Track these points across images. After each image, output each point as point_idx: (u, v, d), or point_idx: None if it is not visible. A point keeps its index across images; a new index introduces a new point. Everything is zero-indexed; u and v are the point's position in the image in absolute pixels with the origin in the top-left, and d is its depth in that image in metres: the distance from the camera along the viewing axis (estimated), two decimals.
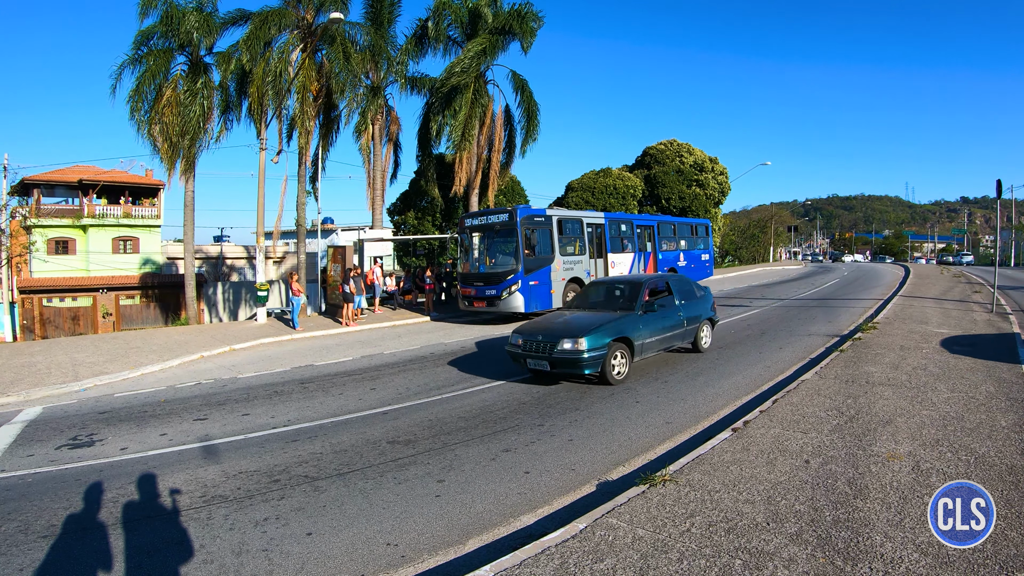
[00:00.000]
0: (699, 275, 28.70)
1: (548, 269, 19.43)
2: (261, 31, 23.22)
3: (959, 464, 5.79)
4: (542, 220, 19.60)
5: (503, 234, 19.46)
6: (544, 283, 19.22)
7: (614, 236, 23.32)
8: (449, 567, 4.68)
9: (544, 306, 19.08)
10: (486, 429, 8.10)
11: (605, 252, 22.44)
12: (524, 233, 18.59)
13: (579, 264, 20.95)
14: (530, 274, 18.69)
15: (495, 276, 19.15)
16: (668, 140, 51.01)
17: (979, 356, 11.10)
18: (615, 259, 22.94)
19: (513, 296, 18.57)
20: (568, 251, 20.75)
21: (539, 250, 19.25)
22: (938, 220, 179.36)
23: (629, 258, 23.93)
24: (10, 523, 5.64)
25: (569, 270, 20.34)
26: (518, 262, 18.57)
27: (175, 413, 9.67)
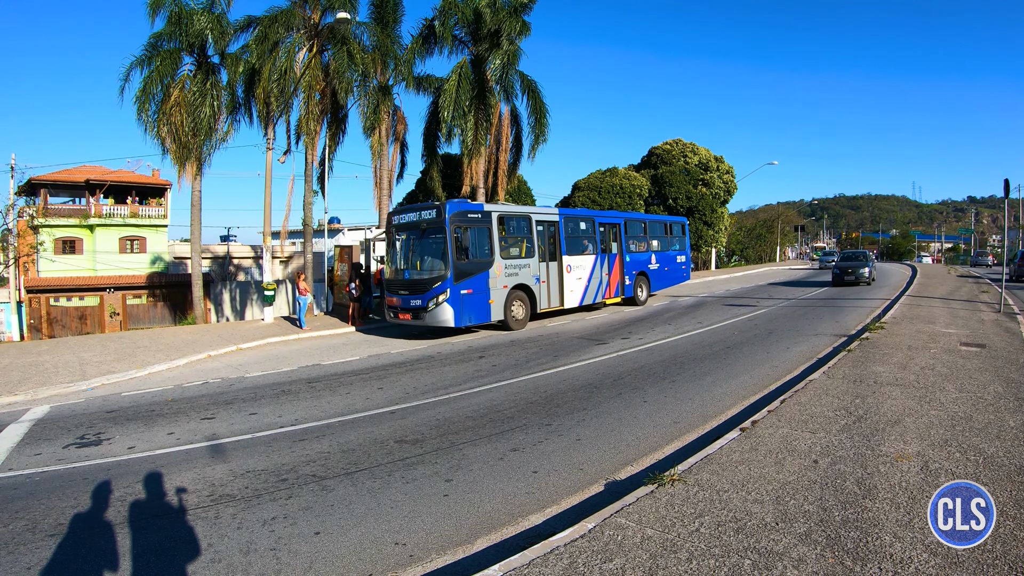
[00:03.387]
0: (674, 279, 26.81)
1: (485, 275, 16.90)
2: (271, 30, 23.30)
3: (968, 464, 5.76)
4: (478, 216, 17.02)
5: (431, 233, 16.71)
6: (480, 291, 16.71)
7: (572, 235, 20.63)
8: (457, 566, 4.67)
9: (480, 318, 16.88)
10: (494, 428, 8.10)
11: (560, 254, 19.69)
12: (454, 232, 16.01)
13: (526, 268, 18.30)
14: (462, 281, 16.20)
15: (420, 284, 16.60)
16: (674, 139, 51.00)
17: (987, 356, 11.05)
18: (572, 262, 20.22)
19: (440, 308, 16.03)
20: (512, 253, 18.18)
21: (474, 252, 16.77)
22: (945, 220, 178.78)
23: (589, 261, 21.10)
24: (18, 521, 5.66)
25: (513, 275, 17.74)
26: (447, 267, 15.98)
27: (182, 412, 9.70)
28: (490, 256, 17.13)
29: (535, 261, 18.61)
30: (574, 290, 20.12)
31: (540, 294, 18.64)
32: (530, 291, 18.30)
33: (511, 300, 17.60)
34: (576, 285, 20.23)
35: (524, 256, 18.45)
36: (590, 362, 12.40)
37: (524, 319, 18.03)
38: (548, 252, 19.34)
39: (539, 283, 18.64)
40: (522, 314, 17.98)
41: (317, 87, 24.98)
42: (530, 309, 18.25)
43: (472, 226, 16.73)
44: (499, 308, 17.24)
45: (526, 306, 18.12)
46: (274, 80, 23.29)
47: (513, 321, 17.63)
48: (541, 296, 18.69)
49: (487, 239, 17.16)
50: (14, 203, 32.85)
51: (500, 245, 17.42)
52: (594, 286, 21.13)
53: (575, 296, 20.19)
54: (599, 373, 11.33)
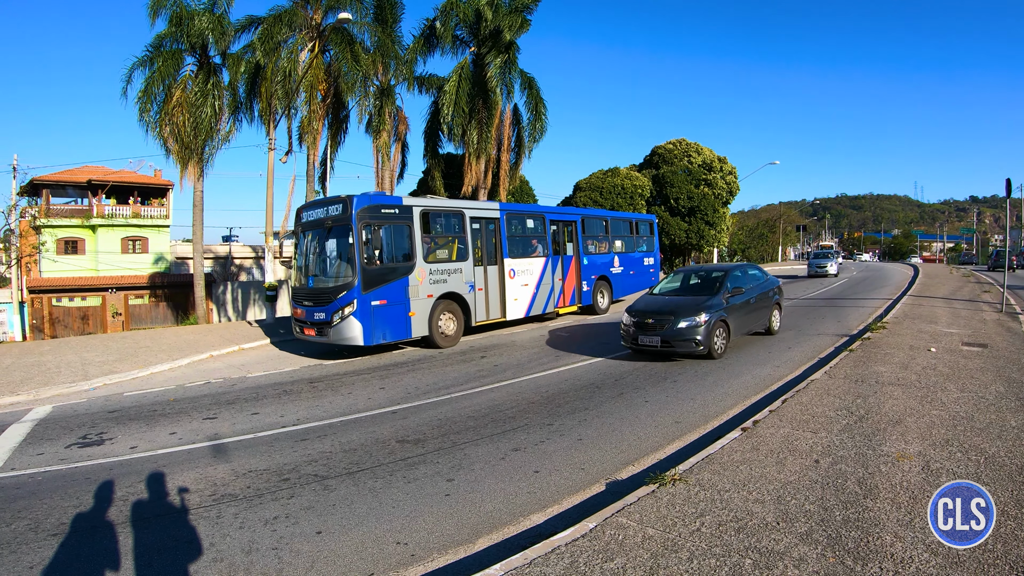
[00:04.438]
0: (640, 284, 23.96)
1: (404, 282, 14.28)
2: (273, 30, 23.33)
3: (969, 464, 5.76)
4: (394, 212, 14.33)
5: (337, 233, 14.29)
6: (397, 302, 14.11)
7: (516, 235, 18.20)
8: (459, 566, 4.68)
9: (398, 334, 14.20)
10: (495, 428, 8.11)
11: (501, 257, 17.12)
12: (363, 231, 13.45)
13: (457, 274, 15.67)
14: (373, 290, 13.59)
15: (324, 293, 14.07)
16: (677, 139, 50.91)
17: (989, 356, 11.04)
18: (517, 266, 17.62)
19: (346, 323, 13.39)
20: (440, 256, 15.64)
21: (390, 255, 14.22)
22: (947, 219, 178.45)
23: (538, 264, 18.48)
24: (20, 521, 5.67)
25: (440, 283, 15.18)
26: (354, 273, 13.41)
27: (184, 412, 9.71)
28: (410, 259, 14.55)
29: (469, 265, 16.05)
30: (519, 298, 17.66)
31: (475, 304, 16.18)
32: (462, 301, 15.83)
33: (438, 312, 15.08)
34: (521, 293, 17.76)
35: (455, 259, 15.87)
36: (592, 362, 12.40)
37: (455, 334, 15.58)
38: (486, 254, 16.87)
39: (474, 291, 16.14)
40: (452, 328, 15.52)
41: (319, 87, 25.03)
42: (463, 322, 15.84)
43: (387, 224, 14.16)
44: (422, 321, 14.69)
45: (458, 319, 15.69)
46: (277, 80, 23.34)
47: (440, 337, 15.12)
48: (477, 306, 16.25)
49: (407, 239, 14.59)
50: (16, 203, 32.92)
51: (424, 246, 14.93)
52: (544, 293, 18.67)
53: (520, 305, 17.75)
54: (600, 373, 11.33)
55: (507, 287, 17.17)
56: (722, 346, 12.13)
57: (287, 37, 24.13)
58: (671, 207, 45.97)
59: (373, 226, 13.64)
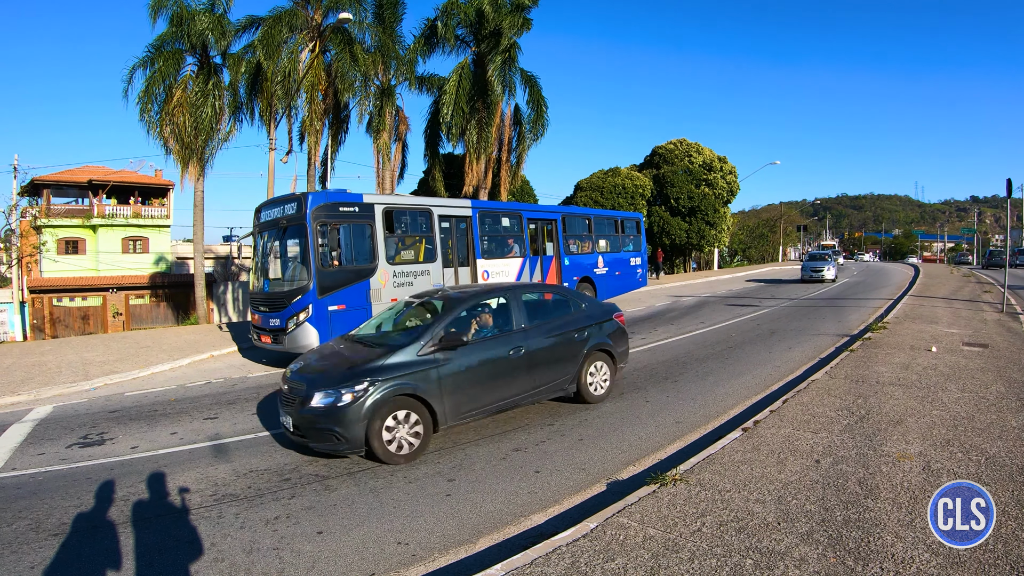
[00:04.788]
0: (626, 285, 22.99)
1: (365, 286, 13.24)
2: (274, 30, 23.34)
3: (970, 464, 5.76)
4: (353, 211, 13.29)
5: (293, 233, 13.32)
6: (357, 307, 13.06)
7: (491, 235, 17.14)
8: (460, 566, 4.68)
9: None
10: (496, 428, 8.10)
11: (474, 257, 16.05)
12: (319, 231, 12.47)
13: (424, 276, 14.50)
14: (331, 294, 12.61)
15: (278, 298, 13.07)
16: (677, 139, 50.98)
17: (989, 356, 11.04)
18: (492, 267, 16.49)
19: (301, 330, 12.37)
20: (406, 257, 14.56)
21: (349, 256, 13.28)
22: (948, 219, 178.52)
23: (515, 265, 17.30)
24: (21, 521, 5.68)
25: (406, 285, 13.98)
26: (309, 276, 12.43)
27: (185, 412, 9.71)
28: (372, 261, 13.47)
29: (437, 267, 14.87)
30: None
31: None
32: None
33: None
34: None
35: (422, 260, 14.74)
36: None
37: None
38: (458, 255, 15.76)
39: None
40: None
41: (320, 87, 25.05)
42: None
43: (346, 223, 13.16)
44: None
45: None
46: (277, 81, 23.36)
47: None
48: None
49: (368, 239, 13.54)
50: (17, 203, 32.97)
51: (388, 247, 13.82)
52: None
53: None
54: None
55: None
56: (409, 446, 6.88)
57: (287, 37, 24.15)
58: (671, 207, 46.02)
59: (330, 225, 12.64)
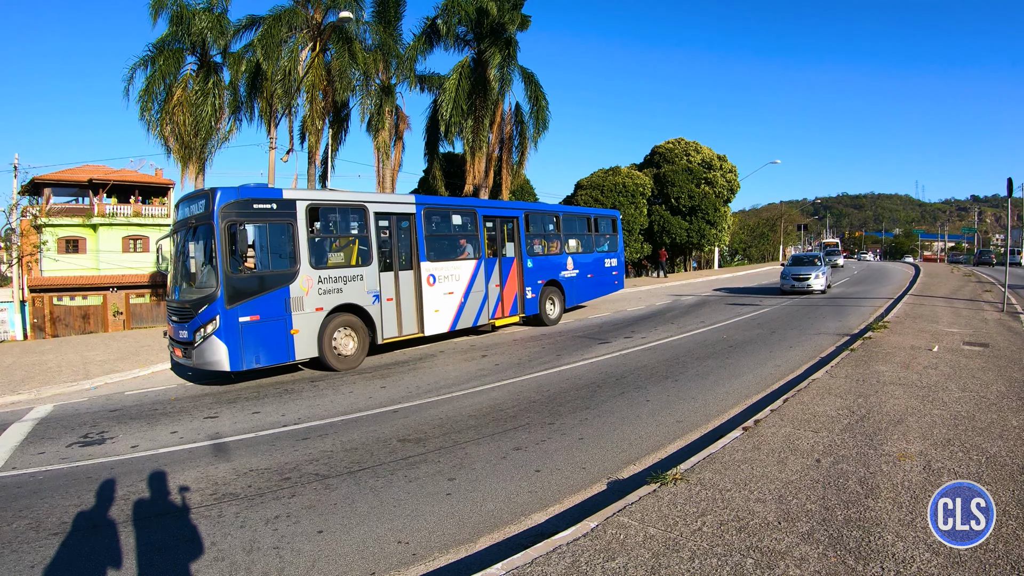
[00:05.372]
0: (600, 289, 21.54)
1: (283, 293, 11.67)
2: (275, 29, 23.37)
3: (970, 464, 5.76)
4: (270, 208, 11.75)
5: (200, 234, 11.70)
6: (273, 317, 11.50)
7: (438, 234, 15.40)
8: (460, 565, 4.68)
9: (277, 356, 11.59)
10: (496, 427, 8.10)
11: (417, 260, 14.31)
12: (227, 231, 10.94)
13: (356, 282, 12.91)
14: (241, 303, 11.06)
15: (186, 307, 11.56)
16: (676, 138, 50.92)
17: (990, 355, 11.04)
18: (439, 270, 14.79)
19: (208, 343, 10.93)
20: (335, 260, 12.98)
21: (264, 259, 11.97)
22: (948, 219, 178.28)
23: (467, 268, 15.62)
24: (21, 520, 5.68)
25: (334, 292, 12.48)
26: (217, 282, 10.92)
27: (185, 411, 9.71)
28: (293, 265, 11.91)
29: (372, 270, 13.25)
30: (441, 309, 14.84)
31: (382, 317, 13.44)
32: (365, 314, 13.09)
33: (331, 328, 12.45)
34: (445, 302, 14.96)
35: (355, 264, 13.15)
36: (593, 361, 12.40)
37: (356, 355, 12.89)
38: (398, 257, 14.12)
39: (379, 302, 13.34)
40: (351, 348, 12.82)
41: (320, 87, 25.09)
42: (367, 340, 13.13)
43: (262, 222, 11.77)
44: (309, 340, 12.05)
45: (360, 336, 12.98)
46: (277, 80, 23.38)
47: (335, 358, 12.49)
48: (385, 320, 13.49)
49: (288, 240, 12.02)
50: (17, 202, 33.00)
51: (312, 248, 12.26)
52: (475, 302, 15.85)
53: (443, 318, 14.93)
54: (602, 372, 11.33)
55: (425, 296, 14.39)
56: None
57: (287, 37, 24.17)
58: (672, 206, 46.00)
59: (241, 225, 11.07)
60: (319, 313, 12.19)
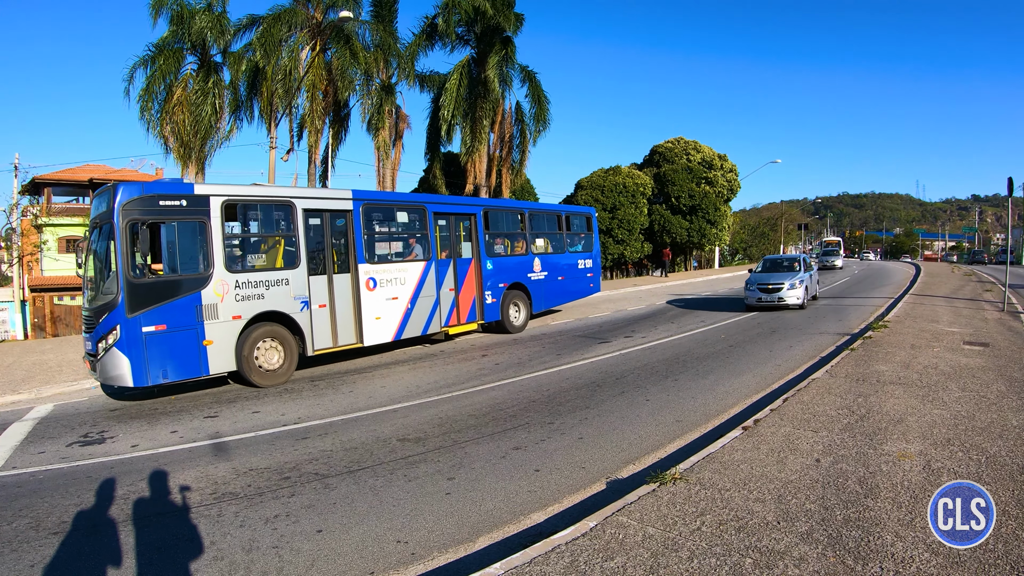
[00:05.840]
0: (573, 292, 19.99)
1: (194, 300, 10.46)
2: (274, 29, 23.39)
3: (970, 464, 5.75)
4: (179, 205, 10.54)
5: (104, 235, 10.39)
6: (183, 327, 10.33)
7: (380, 233, 14.15)
8: (459, 564, 4.67)
9: (188, 371, 10.42)
10: (496, 427, 8.11)
11: (354, 262, 12.89)
12: (128, 231, 9.82)
13: (281, 287, 11.57)
14: (145, 311, 9.90)
15: (91, 315, 10.50)
16: (676, 138, 50.89)
17: (990, 355, 11.03)
18: (380, 273, 13.32)
19: (110, 356, 9.82)
20: (257, 263, 11.84)
21: (172, 263, 10.62)
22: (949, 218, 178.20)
23: (415, 271, 14.12)
24: (21, 519, 5.68)
25: (255, 299, 11.18)
26: (118, 288, 9.80)
27: (185, 411, 9.72)
28: (206, 268, 10.72)
29: (300, 274, 11.88)
30: (384, 317, 13.39)
31: (313, 327, 12.06)
32: (292, 323, 11.77)
33: (252, 339, 11.18)
34: (388, 309, 13.48)
35: (280, 266, 11.82)
36: (593, 360, 12.40)
37: (281, 368, 11.54)
38: (331, 259, 12.73)
39: (308, 309, 11.99)
40: (276, 360, 11.48)
41: (320, 86, 25.10)
42: (295, 351, 11.83)
43: (170, 220, 10.45)
44: (225, 352, 10.81)
45: (286, 348, 11.65)
46: (277, 79, 23.41)
47: (256, 372, 11.20)
48: (316, 329, 12.12)
49: (200, 241, 10.80)
50: (18, 202, 32.98)
51: (228, 250, 11.10)
52: (424, 308, 14.32)
53: (386, 326, 13.46)
54: (601, 371, 11.33)
55: (364, 302, 12.95)
56: None
57: (287, 36, 24.19)
58: (672, 205, 45.99)
59: (144, 224, 9.99)
60: (237, 322, 10.97)
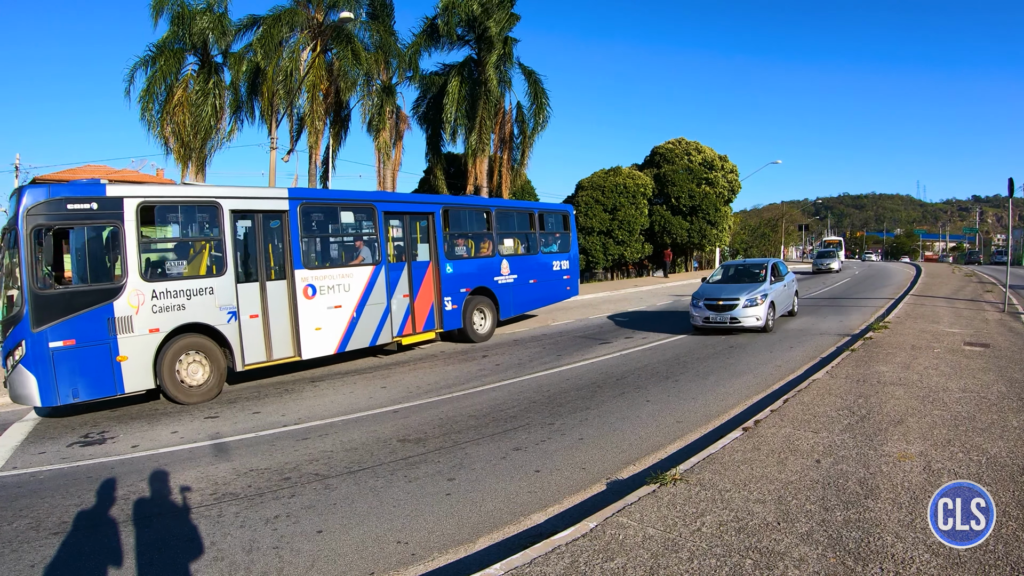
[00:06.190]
0: (547, 296, 18.38)
1: (106, 312, 9.47)
2: (274, 29, 23.41)
3: (970, 464, 5.75)
4: (89, 208, 9.55)
5: (10, 243, 9.53)
6: (94, 341, 9.36)
7: (322, 235, 12.88)
8: (459, 565, 4.68)
9: (101, 389, 9.47)
10: (496, 428, 8.11)
11: (290, 267, 11.58)
12: (33, 238, 9.00)
13: (205, 296, 10.40)
14: (51, 325, 9.03)
15: (2, 329, 9.78)
16: (677, 139, 50.84)
17: (991, 356, 11.03)
18: (320, 279, 12.00)
19: (16, 374, 9.11)
20: (175, 270, 10.66)
21: (82, 271, 9.67)
22: (949, 219, 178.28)
23: (362, 275, 12.75)
24: (22, 519, 5.68)
25: (175, 310, 10.06)
26: (23, 300, 9.04)
27: (186, 411, 9.72)
28: (118, 277, 9.72)
29: (227, 281, 10.67)
30: (325, 327, 12.04)
31: (243, 339, 10.85)
32: (215, 334, 10.58)
33: (172, 353, 10.05)
34: (330, 319, 12.14)
35: (204, 274, 10.71)
36: (593, 361, 12.40)
37: (209, 385, 10.43)
38: (266, 264, 11.47)
39: (236, 320, 10.75)
40: (201, 376, 10.36)
41: (321, 87, 25.11)
42: (223, 366, 10.67)
43: (79, 225, 9.58)
44: (142, 368, 9.78)
45: (213, 362, 10.51)
46: (278, 80, 23.43)
47: (180, 389, 10.12)
48: (246, 342, 10.91)
49: (113, 248, 9.81)
50: None
51: (144, 256, 10.13)
52: (373, 317, 12.93)
53: (327, 337, 12.12)
54: (602, 372, 11.34)
55: (302, 311, 11.66)
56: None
57: (288, 36, 24.21)
58: (673, 206, 45.97)
59: (50, 230, 9.18)
60: (155, 335, 9.89)
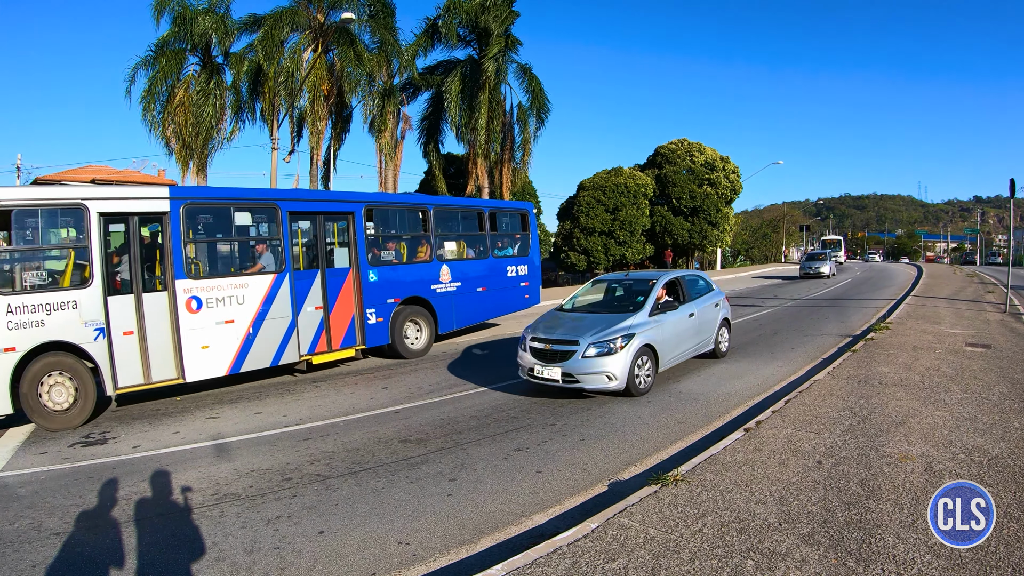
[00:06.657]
0: (500, 305, 16.25)
1: None
2: (275, 30, 23.42)
3: (972, 465, 5.75)
4: None
5: None
6: None
7: (210, 240, 11.28)
8: (461, 566, 4.68)
9: None
10: (498, 428, 8.11)
11: (171, 276, 9.94)
12: None
13: (67, 311, 8.92)
14: None
15: None
16: (679, 139, 50.72)
17: (992, 357, 11.02)
18: (208, 290, 10.32)
19: None
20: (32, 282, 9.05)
21: None
22: (951, 220, 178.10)
23: (260, 286, 10.95)
24: (23, 520, 5.69)
25: (31, 326, 8.65)
26: None
27: (187, 411, 9.72)
28: None
29: (93, 293, 9.15)
30: (213, 345, 10.37)
31: (114, 359, 9.37)
32: (86, 355, 9.16)
33: (32, 375, 8.71)
34: (220, 336, 10.47)
35: (67, 285, 9.13)
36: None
37: (77, 410, 9.01)
38: (142, 274, 9.85)
39: (106, 337, 9.26)
40: (66, 400, 8.96)
41: (322, 87, 25.11)
42: (92, 389, 9.19)
43: None
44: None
45: (81, 384, 9.09)
46: (280, 80, 23.44)
47: (44, 416, 8.80)
48: (119, 362, 9.42)
49: None
50: None
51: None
52: (275, 333, 11.14)
53: (219, 356, 10.48)
54: None
55: (184, 328, 10.04)
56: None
57: (289, 37, 24.23)
58: (674, 207, 45.91)
59: None
60: (10, 355, 8.54)
